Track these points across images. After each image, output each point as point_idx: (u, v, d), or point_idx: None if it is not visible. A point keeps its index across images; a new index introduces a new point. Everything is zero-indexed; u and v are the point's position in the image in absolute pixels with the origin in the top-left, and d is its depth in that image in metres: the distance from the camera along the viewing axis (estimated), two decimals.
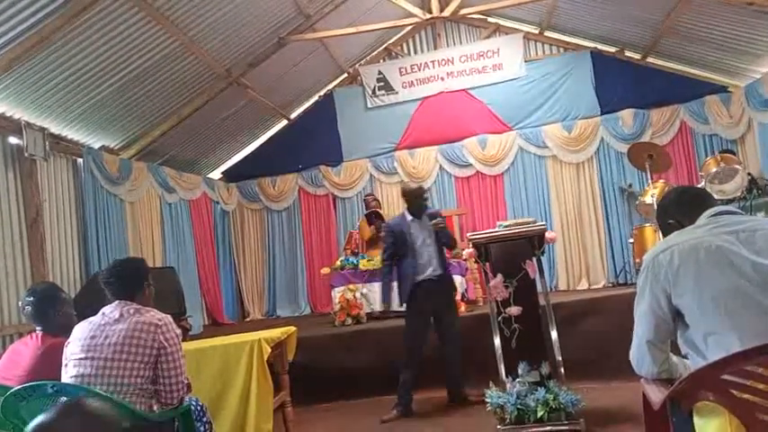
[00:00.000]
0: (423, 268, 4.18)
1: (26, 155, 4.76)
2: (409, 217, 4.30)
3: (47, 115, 5.07)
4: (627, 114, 7.16)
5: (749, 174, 5.77)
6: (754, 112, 6.44)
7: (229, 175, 8.38)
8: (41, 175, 5.05)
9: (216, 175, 8.32)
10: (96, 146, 5.84)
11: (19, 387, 2.08)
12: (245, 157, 8.37)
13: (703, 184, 5.62)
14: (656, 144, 6.32)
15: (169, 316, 2.37)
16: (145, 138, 6.32)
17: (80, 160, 5.59)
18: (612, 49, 7.40)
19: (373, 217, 6.24)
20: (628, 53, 7.34)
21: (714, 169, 5.63)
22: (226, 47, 6.00)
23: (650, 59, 7.26)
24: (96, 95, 5.23)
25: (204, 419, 2.72)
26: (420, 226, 4.26)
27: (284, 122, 8.32)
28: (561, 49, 7.69)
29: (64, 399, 2.01)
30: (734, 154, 6.34)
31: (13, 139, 4.81)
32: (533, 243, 3.60)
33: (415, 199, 4.29)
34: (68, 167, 5.50)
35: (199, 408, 2.72)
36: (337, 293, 5.62)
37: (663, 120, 7.12)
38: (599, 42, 7.43)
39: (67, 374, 2.24)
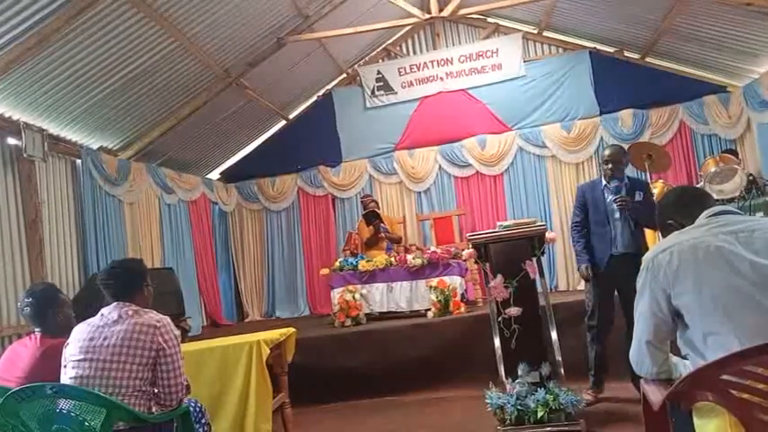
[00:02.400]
0: (614, 241, 3.72)
1: (25, 156, 4.76)
2: (604, 182, 3.83)
3: (45, 116, 5.07)
4: (626, 114, 7.15)
5: (749, 174, 5.78)
6: (753, 113, 6.45)
7: (228, 176, 8.37)
8: (40, 176, 5.04)
9: (215, 175, 8.31)
10: (95, 147, 5.84)
11: (18, 388, 2.08)
12: (244, 158, 8.36)
13: (702, 184, 5.62)
14: (655, 144, 6.33)
15: (168, 317, 2.36)
16: (143, 138, 6.31)
17: (79, 161, 5.58)
18: (611, 50, 7.40)
19: (371, 217, 6.22)
20: (627, 53, 7.34)
21: (713, 169, 5.64)
22: (224, 47, 6.00)
23: (649, 59, 7.26)
24: (95, 96, 5.23)
25: (203, 421, 2.72)
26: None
27: (283, 123, 8.32)
28: (560, 49, 7.69)
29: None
30: (736, 154, 6.35)
31: (11, 140, 4.81)
32: (533, 243, 3.59)
33: (615, 163, 3.75)
34: (67, 168, 5.50)
35: (198, 409, 2.72)
36: (336, 294, 5.61)
37: (662, 120, 7.11)
38: (598, 42, 7.42)
39: (66, 376, 2.24)
